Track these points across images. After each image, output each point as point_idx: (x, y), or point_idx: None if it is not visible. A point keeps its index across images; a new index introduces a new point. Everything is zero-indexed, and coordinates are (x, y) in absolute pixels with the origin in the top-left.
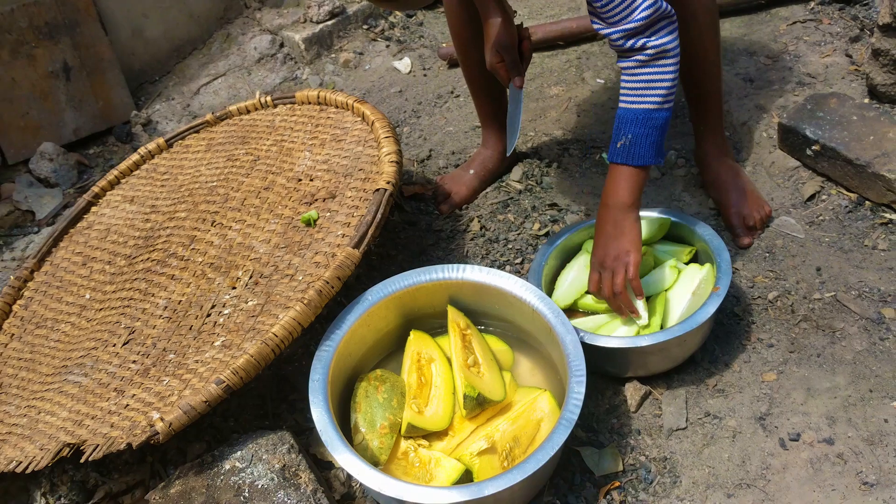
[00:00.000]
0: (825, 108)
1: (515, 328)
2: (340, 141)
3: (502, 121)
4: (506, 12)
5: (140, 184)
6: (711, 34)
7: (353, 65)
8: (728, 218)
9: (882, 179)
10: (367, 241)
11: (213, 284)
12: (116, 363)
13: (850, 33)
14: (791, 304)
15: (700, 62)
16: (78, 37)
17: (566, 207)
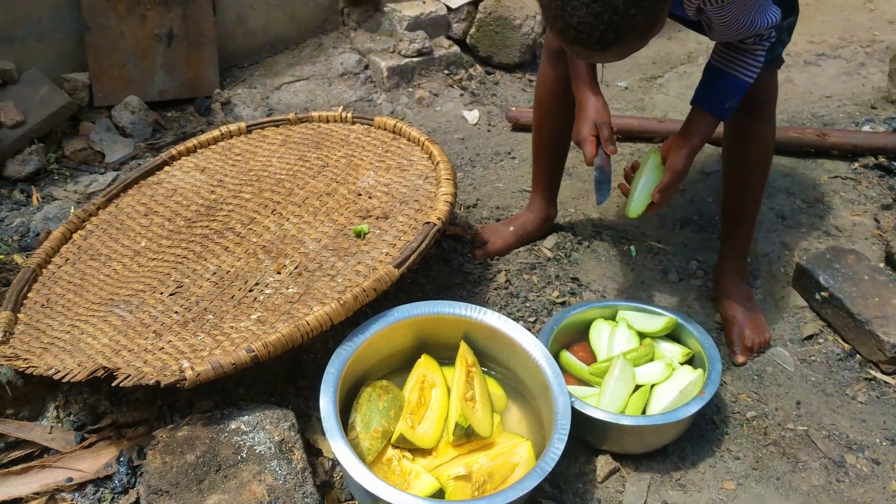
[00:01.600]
0: (842, 262)
1: (516, 378)
2: (405, 170)
3: (552, 191)
4: (600, 93)
5: (214, 157)
6: (763, 168)
7: (427, 103)
8: (730, 334)
9: (876, 339)
10: (408, 266)
11: (262, 265)
12: (160, 309)
13: (883, 200)
14: (765, 427)
15: (746, 190)
16: (189, 10)
17: (586, 284)
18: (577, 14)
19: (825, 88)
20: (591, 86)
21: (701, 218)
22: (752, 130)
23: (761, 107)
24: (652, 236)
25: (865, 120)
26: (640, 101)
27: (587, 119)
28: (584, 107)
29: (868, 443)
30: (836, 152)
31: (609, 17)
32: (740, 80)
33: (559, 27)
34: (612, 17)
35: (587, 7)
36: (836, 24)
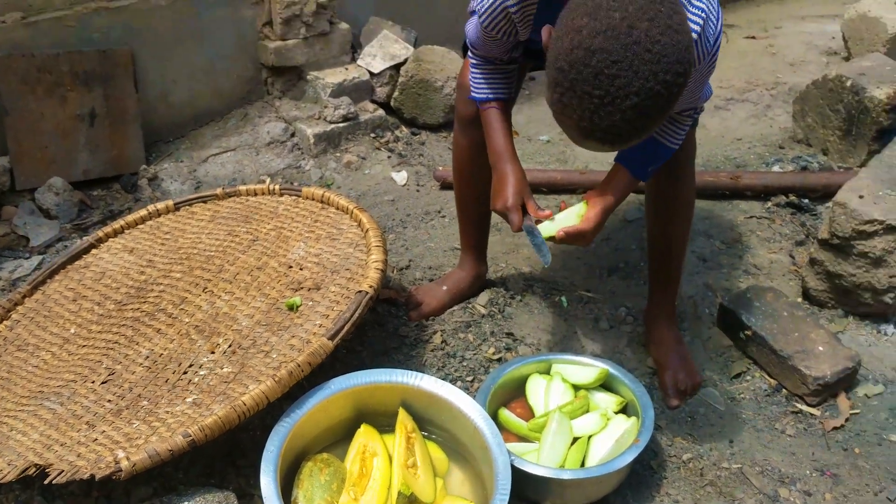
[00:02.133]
0: (762, 300)
1: (456, 441)
2: (335, 240)
3: (481, 248)
4: (520, 166)
5: (142, 237)
6: (686, 218)
7: (355, 167)
8: (662, 379)
9: (799, 373)
10: (342, 336)
11: (195, 345)
12: (92, 399)
13: (797, 237)
14: (701, 468)
15: (673, 240)
16: (110, 89)
17: (521, 339)
18: (610, 119)
19: (736, 131)
20: (511, 159)
21: (627, 265)
22: (674, 185)
23: (683, 166)
24: (581, 286)
25: (775, 160)
26: (563, 153)
27: (510, 190)
28: (505, 179)
29: (799, 475)
30: (750, 193)
31: (640, 122)
32: (667, 147)
33: (583, 126)
34: (644, 122)
35: (622, 114)
36: (742, 69)
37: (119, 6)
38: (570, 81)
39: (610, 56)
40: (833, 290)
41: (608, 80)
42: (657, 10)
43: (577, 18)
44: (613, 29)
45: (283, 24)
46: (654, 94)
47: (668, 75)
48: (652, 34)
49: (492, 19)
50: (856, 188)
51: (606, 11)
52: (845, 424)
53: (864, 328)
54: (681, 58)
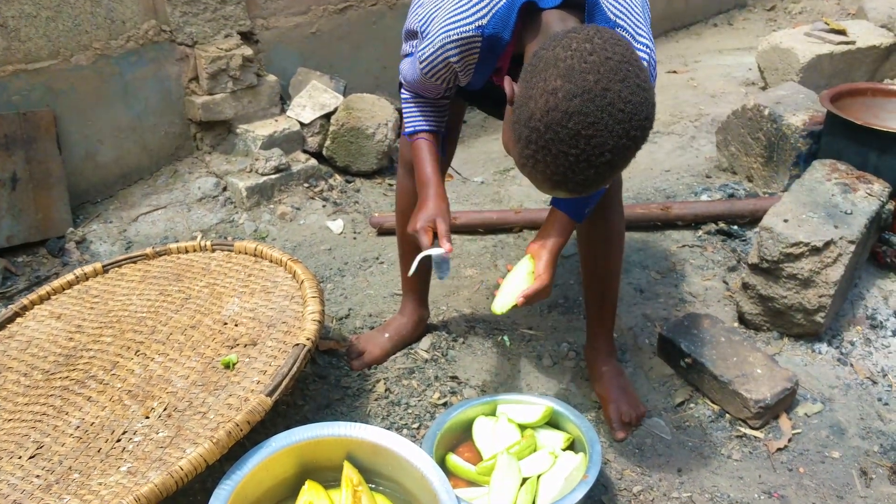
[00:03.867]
0: (699, 327)
1: (404, 490)
2: (269, 293)
3: (423, 293)
4: (444, 194)
5: (70, 303)
6: (618, 253)
7: (289, 218)
8: (607, 412)
9: (740, 397)
10: (281, 392)
11: (128, 411)
12: (20, 475)
13: (728, 263)
14: (652, 500)
15: (605, 275)
16: (32, 151)
17: (466, 381)
18: (584, 174)
19: (664, 163)
20: (436, 187)
21: (567, 300)
22: (603, 218)
23: (611, 196)
24: (523, 324)
25: (703, 189)
26: (497, 193)
27: (425, 214)
28: (423, 204)
29: (748, 499)
30: (681, 223)
31: (610, 173)
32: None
33: (555, 180)
34: (612, 172)
35: (596, 169)
36: (666, 102)
37: (38, 68)
38: (546, 141)
39: (587, 118)
40: (767, 313)
41: (585, 140)
42: (627, 71)
43: (551, 80)
44: (589, 91)
45: (209, 78)
46: (624, 149)
47: (636, 131)
48: (624, 95)
49: (433, 68)
50: (780, 212)
51: (581, 74)
52: (788, 445)
53: (799, 348)
54: (648, 113)
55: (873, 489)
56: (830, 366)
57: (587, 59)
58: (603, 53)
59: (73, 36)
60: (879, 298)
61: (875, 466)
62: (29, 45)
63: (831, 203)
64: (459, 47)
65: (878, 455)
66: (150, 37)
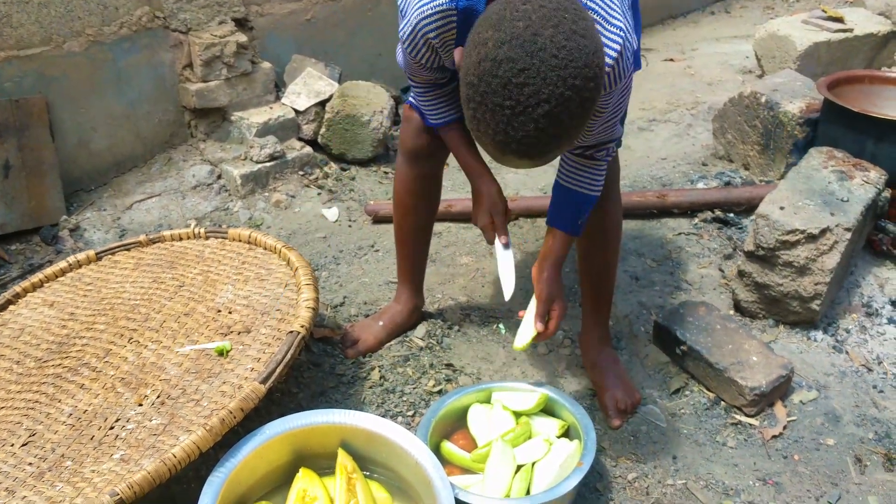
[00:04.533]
0: (695, 315)
1: (398, 477)
2: (264, 280)
3: (418, 281)
4: (497, 183)
5: (63, 290)
6: (614, 242)
7: (284, 206)
8: (602, 399)
9: (735, 385)
10: (275, 379)
11: (121, 399)
12: (12, 463)
13: (724, 250)
14: (647, 487)
15: (602, 264)
16: (25, 139)
17: (461, 369)
18: (524, 129)
19: (660, 151)
20: (482, 174)
21: None
22: (600, 208)
23: (608, 185)
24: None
25: (699, 177)
26: None
27: (483, 207)
28: (477, 196)
29: (742, 486)
30: (677, 211)
31: (554, 130)
32: (589, 196)
33: (498, 140)
34: (558, 130)
35: (535, 122)
36: (663, 90)
37: (30, 54)
38: (481, 95)
39: (516, 65)
40: (762, 301)
41: (517, 88)
42: (561, 17)
43: (483, 31)
44: (518, 38)
45: (203, 65)
46: (565, 100)
47: (577, 80)
48: (557, 40)
49: (413, 45)
50: (776, 200)
51: (510, 22)
52: (783, 432)
53: (795, 336)
54: (588, 61)
55: (867, 476)
56: (826, 353)
57: (519, 8)
58: (537, 2)
59: (65, 22)
60: (875, 286)
61: (869, 453)
62: (21, 31)
63: (828, 191)
64: (435, 22)
65: (872, 442)
66: (144, 23)
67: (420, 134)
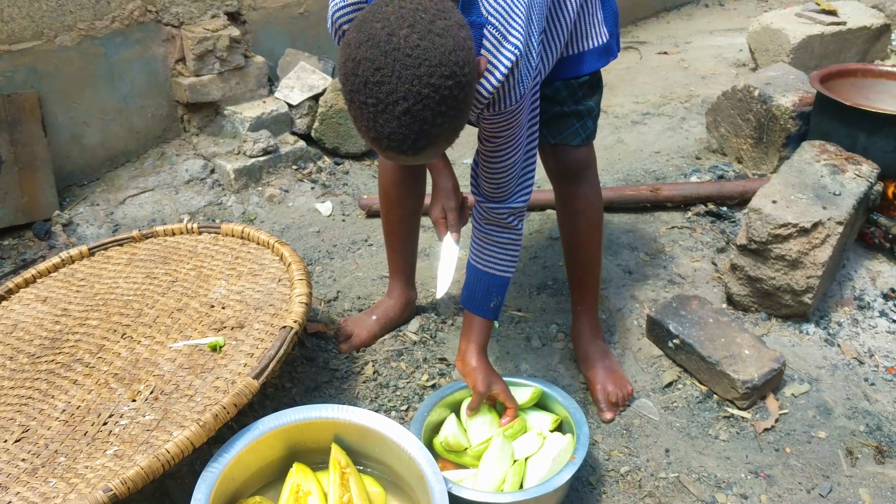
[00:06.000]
0: (687, 308)
1: (392, 472)
2: (257, 275)
3: (409, 274)
4: (455, 179)
5: (56, 286)
6: (595, 229)
7: (278, 200)
8: (594, 393)
9: (728, 378)
10: (268, 375)
11: (114, 394)
12: (5, 459)
13: (717, 244)
14: (639, 480)
15: (583, 252)
16: (17, 134)
17: (454, 363)
18: (389, 126)
19: (653, 145)
20: (441, 169)
21: (555, 282)
22: (578, 196)
23: (581, 175)
24: (512, 305)
25: (692, 170)
26: None
27: (438, 201)
28: (434, 189)
29: (735, 479)
30: (670, 204)
31: (419, 126)
32: (499, 277)
33: (372, 136)
34: (422, 126)
35: (398, 119)
36: (656, 83)
37: (22, 49)
38: (349, 93)
39: (373, 64)
40: (755, 294)
41: (376, 86)
42: (418, 18)
43: (349, 33)
44: (374, 38)
45: (196, 59)
46: (422, 98)
47: (432, 78)
48: (411, 40)
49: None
50: (769, 194)
51: (370, 23)
52: (775, 425)
53: (787, 329)
54: (444, 60)
55: (859, 468)
56: (818, 346)
57: (382, 10)
58: (397, 3)
59: (57, 16)
60: (867, 279)
61: (861, 446)
62: (12, 25)
63: (820, 184)
64: (348, 14)
65: (864, 435)
66: (136, 17)
67: None
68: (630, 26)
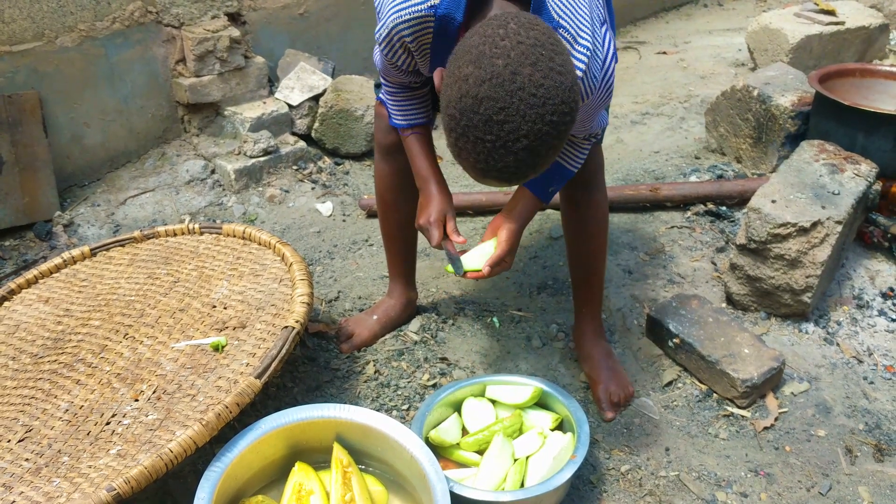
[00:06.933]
0: (687, 308)
1: (393, 471)
2: (258, 276)
3: (409, 275)
4: (447, 188)
5: (58, 286)
6: (603, 233)
7: (278, 200)
8: (596, 392)
9: (727, 377)
10: (270, 374)
11: (117, 394)
12: (9, 459)
13: (717, 244)
14: (640, 478)
15: (590, 256)
16: (18, 135)
17: (455, 363)
18: (504, 160)
19: (653, 144)
20: (436, 181)
21: (556, 282)
22: (586, 199)
23: (593, 177)
24: (512, 305)
25: (692, 170)
26: None
27: (432, 208)
28: (429, 198)
29: (734, 477)
30: (670, 204)
31: (533, 160)
32: (566, 168)
33: (480, 168)
34: (535, 160)
35: (515, 155)
36: (656, 83)
37: (23, 50)
38: (463, 128)
39: (497, 103)
40: (754, 294)
41: (497, 126)
42: (539, 55)
43: (463, 67)
44: (498, 76)
45: (196, 60)
46: (542, 135)
47: (554, 116)
48: (535, 79)
49: (390, 48)
50: (768, 193)
51: (490, 59)
52: (775, 424)
53: (786, 328)
54: (565, 98)
55: (858, 467)
56: (817, 345)
57: (498, 44)
58: (515, 38)
59: (57, 17)
60: (866, 278)
61: (860, 444)
62: (13, 26)
63: (819, 184)
64: (412, 27)
65: (863, 433)
66: (136, 18)
67: (392, 130)
68: (629, 26)
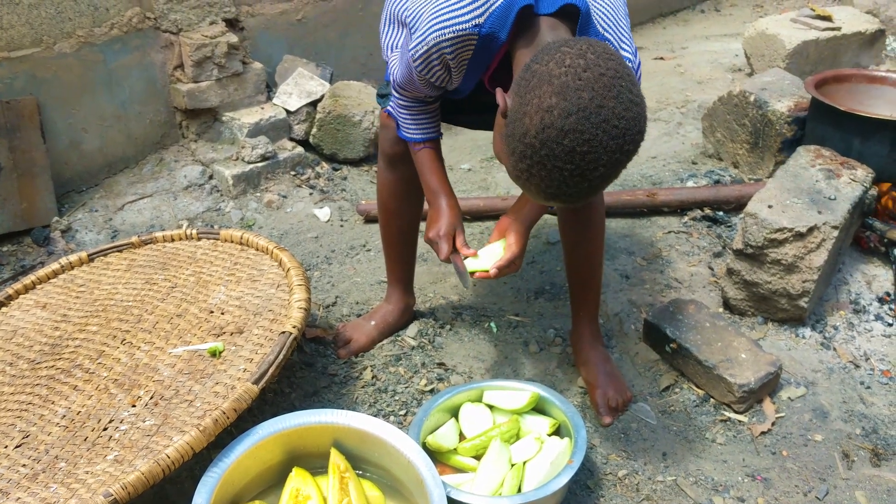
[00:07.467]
0: (684, 312)
1: (391, 476)
2: (256, 281)
3: (408, 281)
4: (457, 203)
5: (55, 292)
6: (600, 237)
7: (276, 206)
8: (593, 397)
9: (725, 382)
10: (267, 380)
11: (114, 400)
12: (6, 464)
13: (714, 248)
14: (637, 483)
15: (589, 260)
16: (16, 140)
17: (453, 368)
18: (578, 187)
19: (650, 150)
20: (447, 196)
21: (553, 287)
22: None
23: None
24: (510, 310)
25: (689, 175)
26: (484, 180)
27: (443, 222)
28: (440, 212)
29: (731, 482)
30: (667, 209)
31: (602, 185)
32: None
33: (551, 192)
34: (603, 183)
35: (590, 182)
36: (653, 88)
37: (21, 55)
38: (542, 157)
39: (582, 136)
40: (751, 298)
41: (580, 156)
42: (620, 87)
43: (546, 98)
44: (584, 109)
45: (194, 66)
46: (617, 163)
47: (630, 145)
48: (618, 111)
49: (427, 63)
50: (765, 198)
51: (575, 91)
52: (772, 428)
53: (783, 333)
54: (641, 128)
55: (855, 471)
56: (814, 350)
57: (581, 75)
58: (597, 70)
59: (56, 23)
60: (862, 283)
61: (857, 449)
62: (11, 32)
63: (815, 189)
64: (454, 45)
65: (860, 438)
66: (134, 24)
67: (399, 141)
68: None
